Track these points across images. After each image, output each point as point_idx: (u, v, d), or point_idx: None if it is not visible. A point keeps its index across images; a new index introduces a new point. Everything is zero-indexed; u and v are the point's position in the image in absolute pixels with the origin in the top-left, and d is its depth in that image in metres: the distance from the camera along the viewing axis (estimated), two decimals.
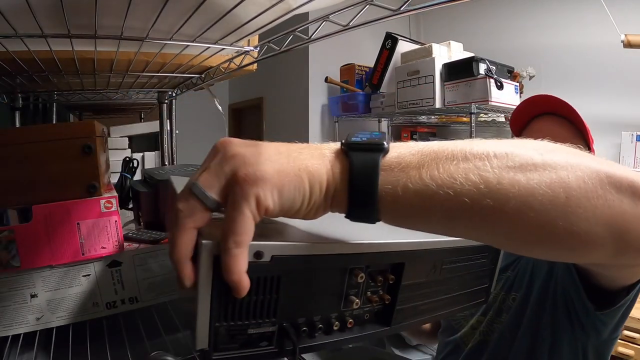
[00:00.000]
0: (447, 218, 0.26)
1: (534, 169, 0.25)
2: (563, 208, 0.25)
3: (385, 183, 0.26)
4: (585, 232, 0.26)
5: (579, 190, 0.25)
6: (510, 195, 0.25)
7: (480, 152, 0.26)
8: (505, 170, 0.25)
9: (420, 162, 0.26)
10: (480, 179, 0.25)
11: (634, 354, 1.45)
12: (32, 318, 0.58)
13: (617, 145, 1.83)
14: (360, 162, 0.26)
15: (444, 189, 0.25)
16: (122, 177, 0.90)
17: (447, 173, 0.25)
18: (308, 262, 0.28)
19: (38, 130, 0.57)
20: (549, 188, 0.25)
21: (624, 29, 1.56)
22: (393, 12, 0.45)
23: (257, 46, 0.74)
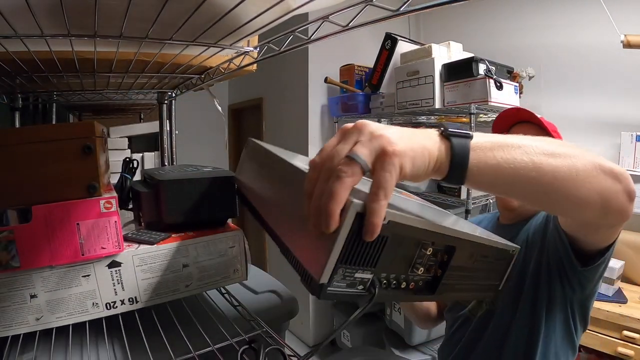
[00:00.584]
0: (509, 183, 0.41)
1: (558, 156, 0.42)
2: (574, 181, 0.42)
3: (472, 159, 0.39)
4: (585, 196, 0.44)
5: (584, 171, 0.43)
6: (545, 170, 0.41)
7: (527, 143, 0.42)
8: (542, 155, 0.41)
9: (492, 146, 0.40)
10: (528, 159, 0.41)
11: (634, 354, 1.45)
12: (31, 318, 0.58)
13: (616, 145, 1.83)
14: (458, 144, 0.39)
15: (507, 165, 0.40)
16: (122, 177, 0.89)
17: (509, 154, 0.40)
18: (408, 231, 0.37)
19: (38, 131, 0.57)
20: (566, 168, 0.42)
21: (624, 29, 1.57)
22: (393, 12, 0.45)
23: (257, 46, 0.74)
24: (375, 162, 0.33)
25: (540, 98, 2.10)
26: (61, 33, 0.58)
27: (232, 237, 0.73)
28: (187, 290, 0.69)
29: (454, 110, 1.78)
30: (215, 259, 0.72)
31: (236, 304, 0.79)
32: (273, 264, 3.02)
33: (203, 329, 0.69)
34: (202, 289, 0.71)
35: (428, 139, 0.38)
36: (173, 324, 0.70)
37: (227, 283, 0.74)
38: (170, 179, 0.71)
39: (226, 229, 0.75)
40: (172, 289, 0.68)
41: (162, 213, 0.72)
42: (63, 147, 0.56)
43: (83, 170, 0.57)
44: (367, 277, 0.37)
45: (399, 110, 1.93)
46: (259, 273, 1.02)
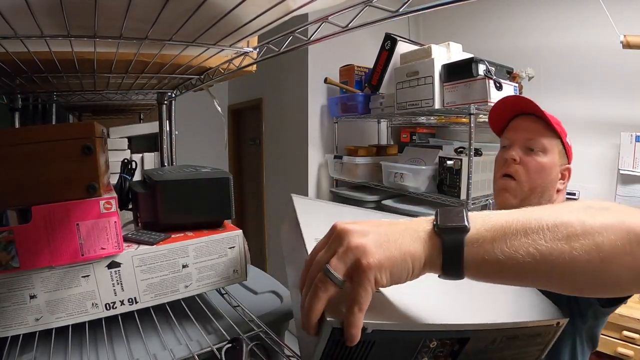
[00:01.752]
0: (514, 279, 0.36)
1: (576, 238, 0.33)
2: (597, 267, 0.33)
3: (468, 255, 0.35)
4: (613, 283, 0.35)
5: (611, 252, 0.33)
6: (558, 263, 0.33)
7: (536, 227, 0.34)
8: (555, 243, 0.34)
9: (493, 237, 0.35)
10: (536, 251, 0.34)
11: (634, 354, 1.45)
12: (31, 319, 0.58)
13: (616, 145, 1.83)
14: (450, 242, 0.36)
15: (510, 260, 0.34)
16: (121, 178, 0.89)
17: (513, 247, 0.34)
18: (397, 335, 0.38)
19: (37, 131, 0.57)
20: (587, 254, 0.33)
21: (623, 29, 1.57)
22: (392, 13, 0.45)
23: (257, 47, 0.74)
24: (350, 276, 0.35)
25: (539, 98, 2.08)
26: (61, 34, 0.58)
27: (232, 237, 0.73)
28: (186, 291, 0.69)
29: (454, 111, 1.78)
30: (215, 259, 0.72)
31: (235, 305, 0.79)
32: (273, 264, 3.02)
33: (202, 329, 0.69)
34: (202, 290, 0.71)
35: (414, 241, 0.36)
36: (172, 325, 0.70)
37: (227, 284, 0.74)
38: (166, 180, 0.72)
39: (226, 229, 0.75)
40: (171, 289, 0.68)
41: (158, 213, 0.72)
42: (63, 148, 0.56)
43: (83, 170, 0.57)
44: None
45: (399, 111, 1.93)
46: (258, 274, 1.02)
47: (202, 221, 0.75)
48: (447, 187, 1.78)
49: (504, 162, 0.88)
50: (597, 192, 1.90)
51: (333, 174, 2.44)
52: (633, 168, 1.78)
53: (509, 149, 0.88)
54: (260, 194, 3.15)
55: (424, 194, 1.88)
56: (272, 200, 3.00)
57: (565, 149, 0.88)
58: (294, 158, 2.62)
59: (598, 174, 1.91)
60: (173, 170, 0.80)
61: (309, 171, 2.51)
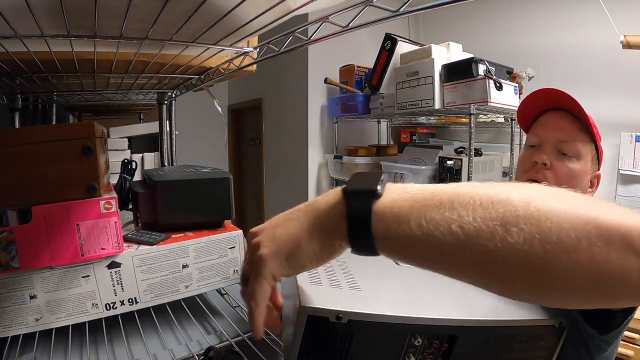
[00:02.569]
0: (431, 261, 0.29)
1: (516, 222, 0.26)
2: (539, 262, 0.25)
3: (379, 226, 0.30)
4: (562, 284, 0.26)
5: (560, 245, 0.25)
6: (487, 249, 0.26)
7: (466, 201, 0.27)
8: (486, 223, 0.26)
9: (410, 208, 0.29)
10: (461, 230, 0.26)
11: (634, 354, 1.45)
12: (31, 319, 0.58)
13: (616, 145, 1.83)
14: (355, 209, 0.31)
15: (427, 237, 0.28)
16: (121, 178, 0.89)
17: (432, 222, 0.27)
18: (375, 327, 0.36)
19: (38, 131, 0.57)
20: (526, 244, 0.25)
21: (623, 29, 1.57)
22: (392, 13, 0.45)
23: (257, 47, 0.74)
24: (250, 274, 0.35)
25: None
26: (61, 33, 0.58)
27: (232, 237, 0.73)
28: (186, 291, 0.69)
29: (454, 111, 1.78)
30: (215, 259, 0.71)
31: (236, 305, 0.79)
32: None
33: (202, 329, 0.69)
34: (202, 290, 0.71)
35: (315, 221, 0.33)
36: (173, 325, 0.70)
37: (227, 284, 0.74)
38: (166, 180, 0.72)
39: (226, 229, 0.75)
40: (171, 289, 0.68)
41: (158, 214, 0.72)
42: (63, 148, 0.56)
43: (83, 170, 0.57)
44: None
45: (399, 111, 1.93)
46: None
47: (202, 221, 0.75)
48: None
49: (532, 165, 0.76)
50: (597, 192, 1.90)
51: (333, 174, 2.43)
52: (633, 168, 1.78)
53: (539, 149, 0.76)
54: (260, 194, 3.15)
55: None
56: (272, 200, 3.00)
57: (598, 154, 0.78)
58: (294, 158, 2.62)
59: None
60: (173, 171, 0.80)
61: (309, 171, 2.51)
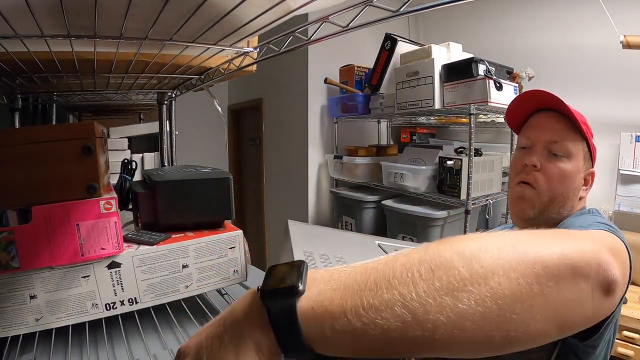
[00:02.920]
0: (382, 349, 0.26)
1: (462, 286, 0.24)
2: (496, 319, 0.24)
3: (310, 326, 0.26)
4: (524, 332, 0.25)
5: (512, 297, 0.24)
6: (438, 323, 0.24)
7: (404, 275, 0.25)
8: (431, 295, 0.24)
9: (342, 298, 0.26)
10: (406, 310, 0.24)
11: (634, 354, 1.45)
12: (31, 319, 0.58)
13: (616, 146, 1.83)
14: (277, 310, 0.27)
15: (371, 327, 0.25)
16: (121, 178, 0.89)
17: (372, 309, 0.25)
18: None
19: (38, 131, 0.57)
20: (479, 305, 0.24)
21: (623, 29, 1.57)
22: (393, 13, 0.45)
23: (257, 47, 0.74)
24: None
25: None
26: (61, 33, 0.58)
27: (232, 238, 0.73)
28: (186, 291, 0.69)
29: (454, 111, 1.78)
30: (215, 259, 0.71)
31: None
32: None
33: None
34: (202, 290, 0.71)
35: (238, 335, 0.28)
36: (173, 325, 0.70)
37: (227, 284, 0.74)
38: (166, 180, 0.72)
39: (226, 229, 0.75)
40: (171, 289, 0.68)
41: (158, 214, 0.72)
42: (63, 148, 0.56)
43: (83, 170, 0.57)
44: None
45: (399, 111, 1.93)
46: (258, 274, 1.02)
47: (202, 221, 0.75)
48: (447, 187, 1.78)
49: (522, 167, 0.77)
50: (597, 192, 1.90)
51: (333, 174, 2.43)
52: (633, 168, 1.78)
53: (529, 151, 0.77)
54: (260, 194, 3.15)
55: (424, 194, 1.88)
56: (272, 200, 3.00)
57: (591, 151, 0.78)
58: (294, 158, 2.62)
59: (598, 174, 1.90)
60: (173, 171, 0.80)
61: (309, 171, 2.51)
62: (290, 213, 2.62)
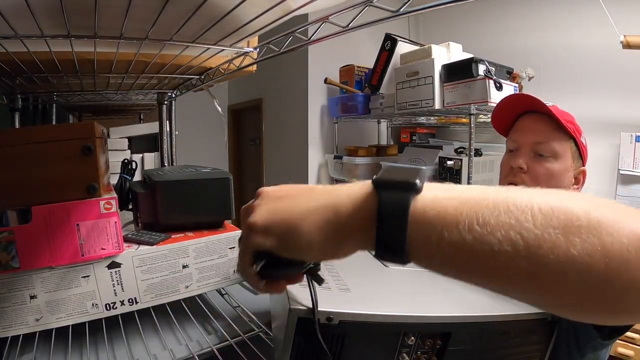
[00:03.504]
0: (479, 272, 0.25)
1: (578, 231, 0.23)
2: (600, 276, 0.23)
3: (417, 228, 0.25)
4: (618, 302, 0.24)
5: (620, 260, 0.23)
6: (547, 260, 0.23)
7: (524, 205, 0.24)
8: (547, 231, 0.24)
9: (457, 209, 0.25)
10: (520, 238, 0.24)
11: (634, 355, 1.45)
12: (31, 319, 0.57)
13: (616, 146, 1.83)
14: (389, 203, 0.25)
15: (481, 245, 0.24)
16: (121, 178, 0.89)
17: (487, 226, 0.24)
18: (367, 327, 0.35)
19: (38, 131, 0.57)
20: (588, 255, 0.23)
21: (623, 29, 1.57)
22: (393, 13, 0.45)
23: (257, 47, 0.74)
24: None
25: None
26: (61, 34, 0.58)
27: (232, 238, 0.73)
28: (187, 291, 0.69)
29: (454, 111, 1.78)
30: (215, 259, 0.71)
31: (236, 305, 0.79)
32: None
33: (203, 329, 0.69)
34: (202, 290, 0.71)
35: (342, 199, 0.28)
36: (173, 325, 0.70)
37: (227, 284, 0.74)
38: (166, 180, 0.72)
39: (226, 229, 0.75)
40: (171, 289, 0.68)
41: (158, 214, 0.72)
42: (63, 148, 0.56)
43: (83, 170, 0.57)
44: None
45: (399, 111, 1.93)
46: None
47: (202, 221, 0.75)
48: None
49: (510, 170, 0.79)
50: (597, 192, 1.90)
51: (333, 174, 2.43)
52: (633, 168, 1.78)
53: (516, 154, 0.79)
54: None
55: None
56: None
57: (580, 149, 0.78)
58: (294, 158, 2.62)
59: (598, 174, 1.92)
60: (173, 171, 0.80)
61: (309, 171, 2.51)
62: None
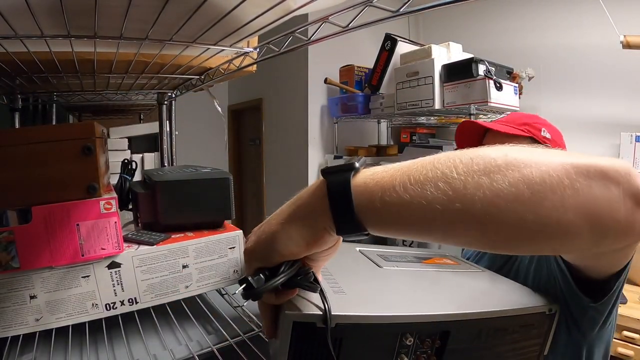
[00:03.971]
0: (424, 224, 0.29)
1: (497, 170, 0.28)
2: (529, 203, 0.27)
3: (362, 197, 0.30)
4: (556, 222, 0.27)
5: (543, 185, 0.27)
6: (476, 198, 0.27)
7: (446, 161, 0.29)
8: (470, 175, 0.28)
9: (392, 176, 0.30)
10: (447, 186, 0.28)
11: (634, 355, 1.45)
12: (31, 319, 0.57)
13: (616, 146, 1.83)
14: (334, 183, 0.31)
15: (416, 199, 0.28)
16: (121, 178, 0.89)
17: (418, 184, 0.28)
18: (364, 329, 0.36)
19: (38, 131, 0.57)
20: (512, 186, 0.27)
21: (623, 29, 1.57)
22: (393, 13, 0.45)
23: (257, 47, 0.74)
24: None
25: (539, 99, 2.10)
26: (61, 34, 0.58)
27: (232, 237, 0.73)
28: (186, 291, 0.69)
29: (454, 111, 1.78)
30: (215, 260, 0.71)
31: (236, 305, 0.79)
32: None
33: (203, 329, 0.69)
34: (202, 290, 0.71)
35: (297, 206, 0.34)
36: (173, 325, 0.70)
37: (227, 284, 0.74)
38: (166, 180, 0.72)
39: (226, 229, 0.75)
40: (171, 290, 0.68)
41: (158, 214, 0.72)
42: (63, 148, 0.56)
43: (83, 171, 0.57)
44: None
45: (399, 111, 1.93)
46: None
47: (202, 221, 0.75)
48: None
49: None
50: None
51: None
52: None
53: None
54: (260, 194, 3.15)
55: None
56: (272, 200, 3.00)
57: (543, 143, 0.79)
58: (294, 158, 2.62)
59: None
60: (173, 171, 0.80)
61: (309, 171, 2.51)
62: None
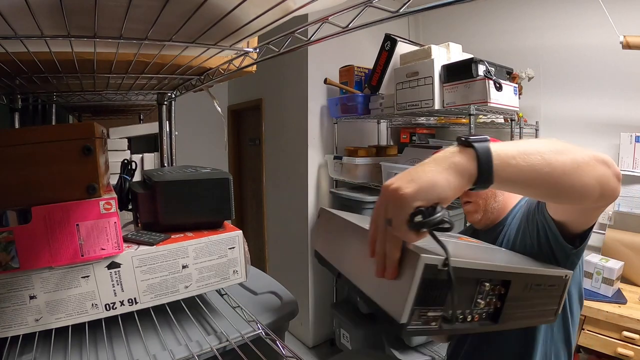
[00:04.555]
0: (530, 181, 0.49)
1: (563, 153, 0.50)
2: (577, 172, 0.51)
3: (498, 161, 0.47)
4: (586, 184, 0.51)
5: (582, 163, 0.51)
6: (555, 165, 0.49)
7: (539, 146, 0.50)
8: (552, 155, 0.49)
9: (512, 150, 0.48)
10: (542, 159, 0.49)
11: (634, 355, 1.45)
12: (31, 319, 0.58)
13: (616, 146, 1.83)
14: (481, 148, 0.46)
15: (528, 167, 0.48)
16: (121, 178, 0.89)
17: (528, 159, 0.48)
18: (468, 272, 0.46)
19: (37, 132, 0.57)
20: (570, 162, 0.50)
21: (623, 30, 1.57)
22: (392, 13, 0.45)
23: (257, 48, 0.74)
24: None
25: (539, 99, 2.11)
26: (61, 34, 0.58)
27: (232, 238, 0.73)
28: (186, 292, 0.69)
29: (454, 112, 1.78)
30: (215, 260, 0.71)
31: (235, 305, 0.79)
32: (273, 265, 3.01)
33: (202, 330, 0.69)
34: (202, 290, 0.71)
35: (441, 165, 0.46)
36: (172, 325, 0.70)
37: (227, 284, 0.74)
38: (166, 181, 0.72)
39: (226, 230, 0.75)
40: (171, 290, 0.68)
41: (158, 214, 0.72)
42: (63, 148, 0.56)
43: (83, 171, 0.57)
44: (438, 315, 0.44)
45: (399, 112, 1.93)
46: (258, 274, 1.02)
47: (202, 222, 0.75)
48: None
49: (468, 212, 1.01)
50: None
51: (333, 175, 2.43)
52: (633, 168, 1.78)
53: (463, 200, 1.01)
54: (260, 194, 3.15)
55: None
56: (272, 200, 3.00)
57: None
58: (294, 158, 2.62)
59: None
60: (173, 171, 0.80)
61: (309, 171, 2.51)
62: (290, 213, 2.62)
